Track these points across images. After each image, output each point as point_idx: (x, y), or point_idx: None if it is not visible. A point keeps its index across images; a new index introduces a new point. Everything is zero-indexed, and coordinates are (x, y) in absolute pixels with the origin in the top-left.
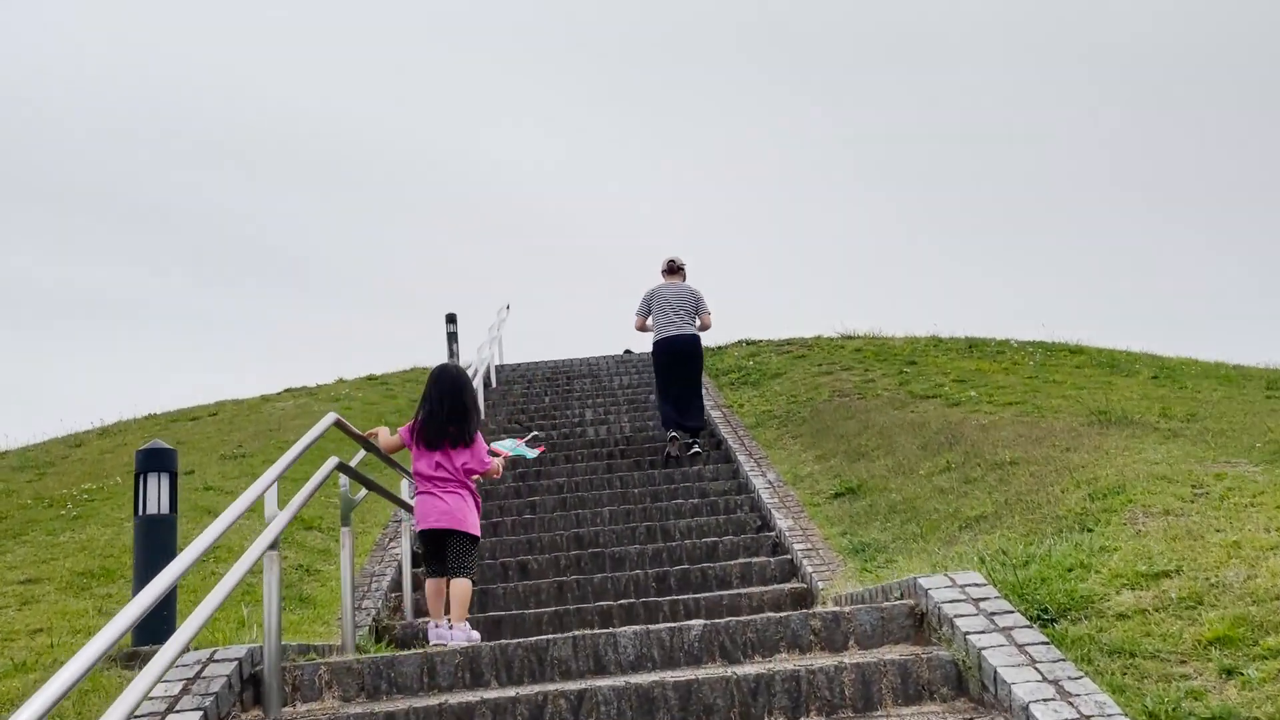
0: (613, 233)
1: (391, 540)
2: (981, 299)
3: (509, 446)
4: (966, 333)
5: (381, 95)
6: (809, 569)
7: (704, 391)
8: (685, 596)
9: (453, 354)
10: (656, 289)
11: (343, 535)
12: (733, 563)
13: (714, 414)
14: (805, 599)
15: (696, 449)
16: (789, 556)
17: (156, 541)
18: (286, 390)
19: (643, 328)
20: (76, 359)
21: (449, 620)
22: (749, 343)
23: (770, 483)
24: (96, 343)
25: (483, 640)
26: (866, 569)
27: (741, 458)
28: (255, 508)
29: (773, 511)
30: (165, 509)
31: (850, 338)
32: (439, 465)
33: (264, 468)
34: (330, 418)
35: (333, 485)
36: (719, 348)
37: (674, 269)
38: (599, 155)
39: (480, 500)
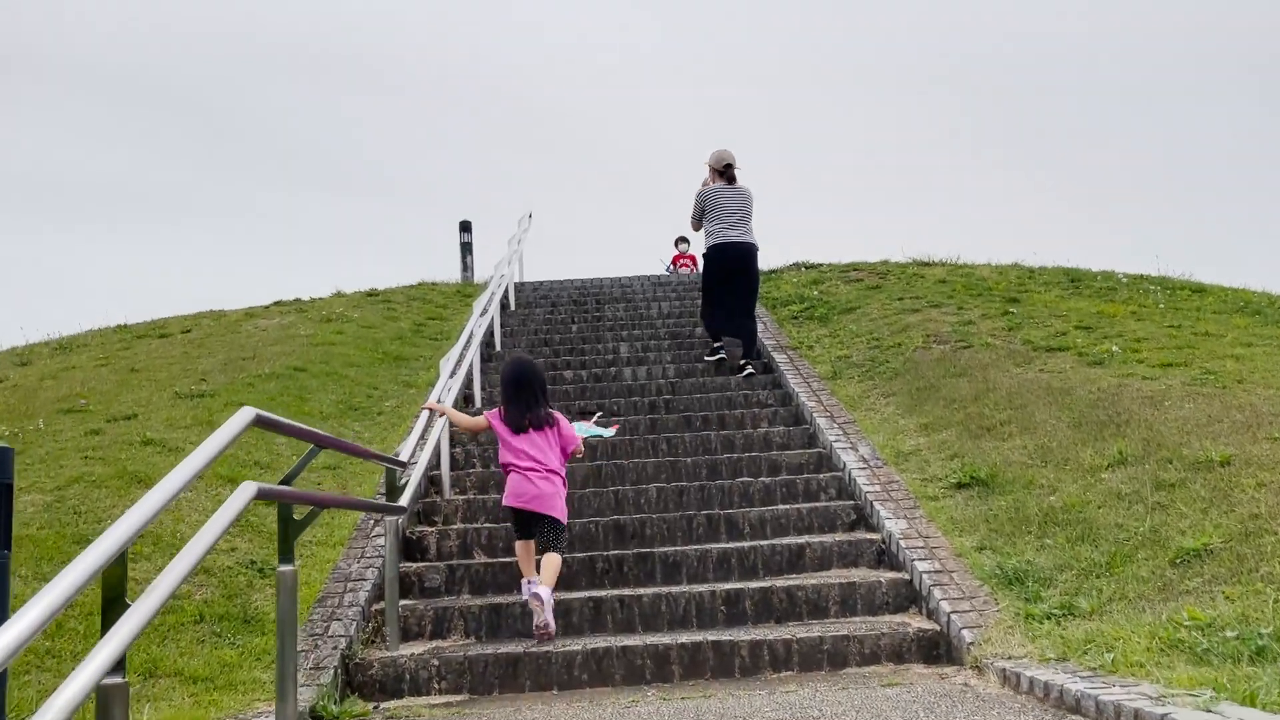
0: (641, 139)
1: (377, 524)
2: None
3: (582, 430)
4: (1056, 262)
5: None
6: (942, 603)
7: (761, 325)
8: (769, 635)
9: (466, 266)
10: (712, 192)
11: (280, 577)
12: (826, 576)
13: (777, 357)
14: (938, 648)
15: (750, 370)
16: (905, 575)
17: None
18: (275, 304)
19: (699, 229)
20: (124, 251)
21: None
22: (807, 266)
23: (864, 459)
24: (146, 236)
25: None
26: (1034, 617)
27: (821, 420)
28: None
29: (875, 504)
30: None
31: (927, 264)
32: (532, 444)
33: (225, 413)
34: (245, 416)
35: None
36: (771, 272)
37: (733, 176)
38: (634, 57)
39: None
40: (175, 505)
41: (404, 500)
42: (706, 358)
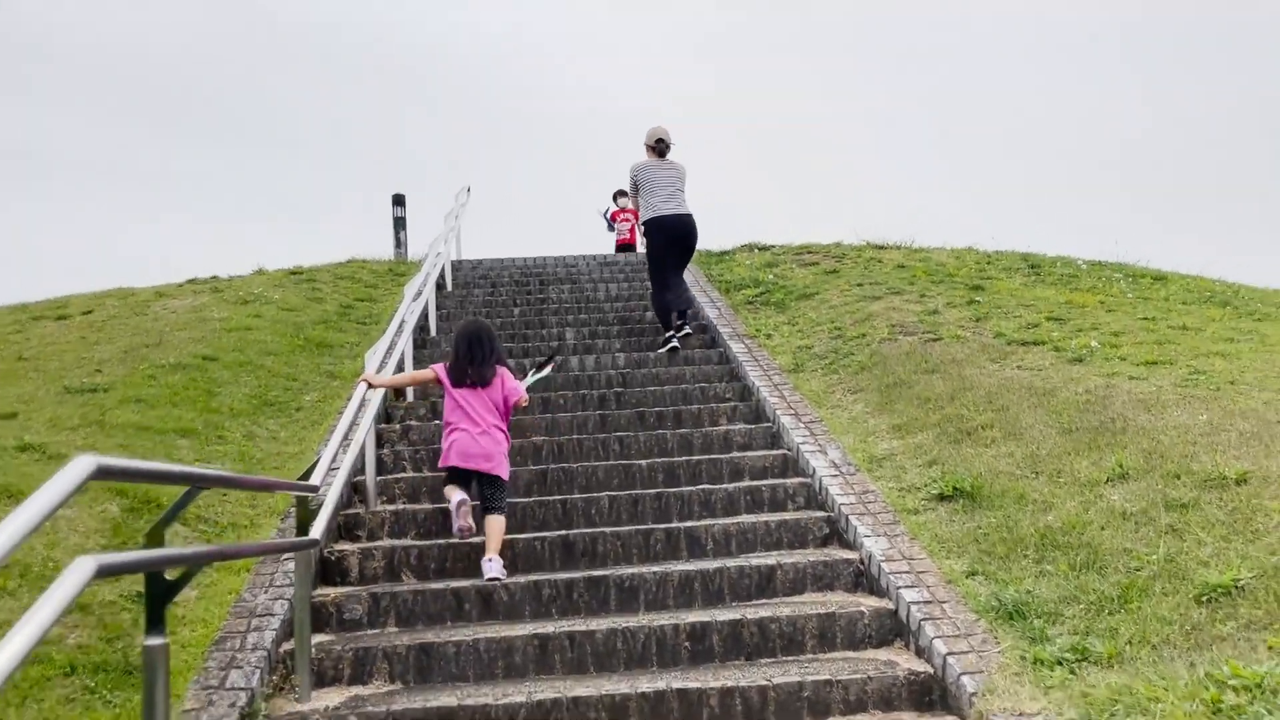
0: (578, 110)
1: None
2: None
3: (527, 383)
4: (1010, 246)
5: None
6: (936, 641)
7: (715, 310)
8: (740, 679)
9: (400, 242)
10: (645, 167)
11: (146, 654)
12: (801, 604)
13: (734, 346)
14: (932, 693)
15: (688, 330)
16: (888, 603)
17: None
18: (189, 282)
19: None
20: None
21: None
22: (760, 248)
23: (835, 465)
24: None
25: None
26: (1043, 662)
27: (785, 419)
28: None
29: (850, 519)
30: None
31: (882, 248)
32: (475, 396)
33: (119, 411)
34: (80, 469)
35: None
36: (722, 253)
37: (664, 151)
38: (570, 29)
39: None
40: (51, 526)
41: (317, 530)
42: (659, 350)
